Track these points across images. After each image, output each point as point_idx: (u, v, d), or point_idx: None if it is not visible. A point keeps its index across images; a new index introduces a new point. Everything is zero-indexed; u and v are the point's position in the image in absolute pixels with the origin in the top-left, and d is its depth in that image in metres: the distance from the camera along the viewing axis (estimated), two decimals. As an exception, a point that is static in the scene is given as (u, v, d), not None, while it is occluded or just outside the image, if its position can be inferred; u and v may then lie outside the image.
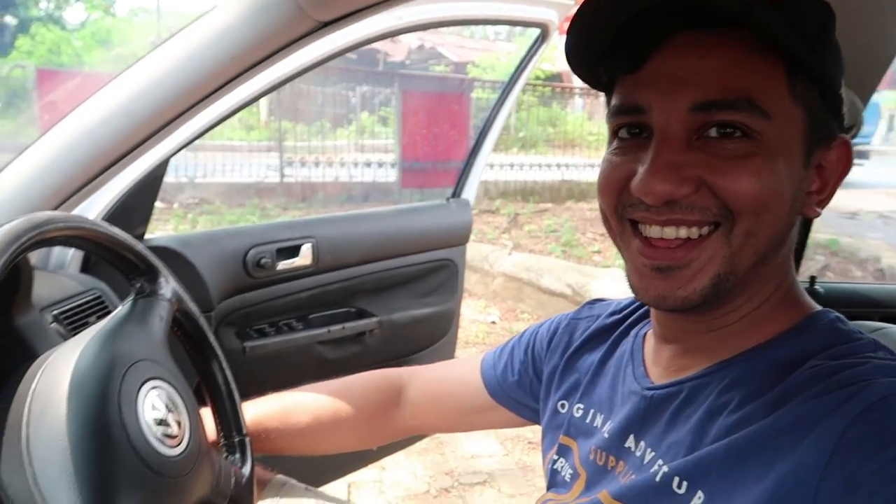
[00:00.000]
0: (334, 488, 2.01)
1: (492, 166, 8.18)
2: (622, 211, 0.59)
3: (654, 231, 0.56)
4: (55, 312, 0.90)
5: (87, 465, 0.55)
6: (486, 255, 4.78)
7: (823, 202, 0.58)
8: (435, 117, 7.82)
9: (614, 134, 0.60)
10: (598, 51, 0.57)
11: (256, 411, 0.87)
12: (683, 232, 0.54)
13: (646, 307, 0.74)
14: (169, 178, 7.19)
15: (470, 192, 1.86)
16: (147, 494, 0.59)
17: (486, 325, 4.04)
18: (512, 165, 8.22)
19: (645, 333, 0.71)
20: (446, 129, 7.77)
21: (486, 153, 1.86)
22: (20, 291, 0.81)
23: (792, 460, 0.49)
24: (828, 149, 0.57)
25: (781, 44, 0.50)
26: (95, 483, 0.55)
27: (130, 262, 0.73)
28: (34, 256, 1.09)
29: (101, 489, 0.55)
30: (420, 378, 0.94)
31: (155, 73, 0.91)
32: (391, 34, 1.23)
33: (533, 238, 5.78)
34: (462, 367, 0.92)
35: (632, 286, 0.59)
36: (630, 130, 0.58)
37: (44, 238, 0.60)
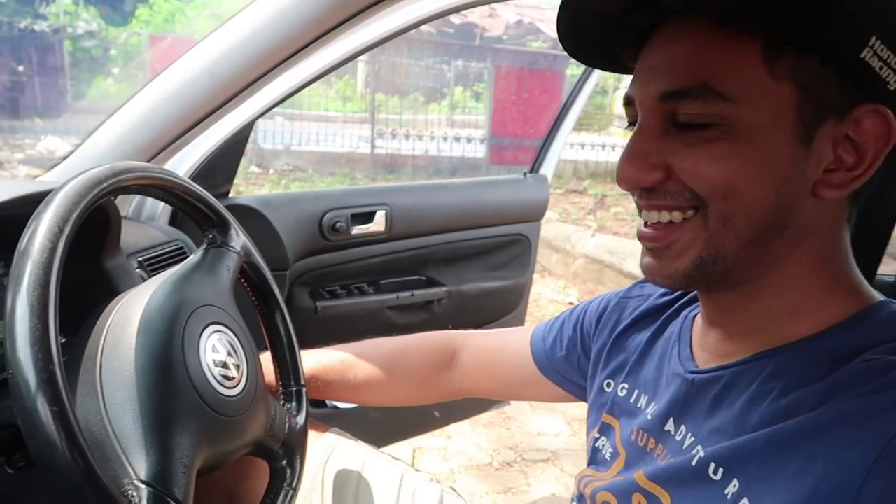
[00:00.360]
0: (398, 451, 2.07)
1: (583, 146, 8.02)
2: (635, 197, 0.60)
3: (645, 215, 0.57)
4: (140, 258, 0.97)
5: (150, 397, 0.60)
6: (568, 235, 4.71)
7: (860, 178, 0.52)
8: (527, 93, 7.74)
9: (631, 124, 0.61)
10: (595, 45, 0.59)
11: (317, 361, 0.91)
12: (665, 216, 0.55)
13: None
14: (266, 145, 7.55)
15: (548, 167, 1.84)
16: (203, 428, 0.63)
17: (563, 306, 4.00)
18: (604, 146, 8.02)
19: (695, 316, 0.69)
20: (538, 106, 7.67)
21: (566, 129, 1.83)
22: (109, 237, 0.88)
23: (836, 457, 0.47)
24: (842, 121, 0.51)
25: (738, 23, 0.49)
26: (156, 413, 0.60)
27: (203, 213, 0.77)
28: (127, 208, 1.17)
29: (160, 419, 0.60)
30: (473, 344, 0.96)
31: (238, 35, 0.95)
32: (483, 2, 1.21)
33: (619, 220, 5.65)
34: (514, 339, 0.93)
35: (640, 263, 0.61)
36: (631, 121, 0.59)
37: (122, 185, 0.64)
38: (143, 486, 0.56)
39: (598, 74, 1.76)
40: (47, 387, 0.49)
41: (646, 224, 0.58)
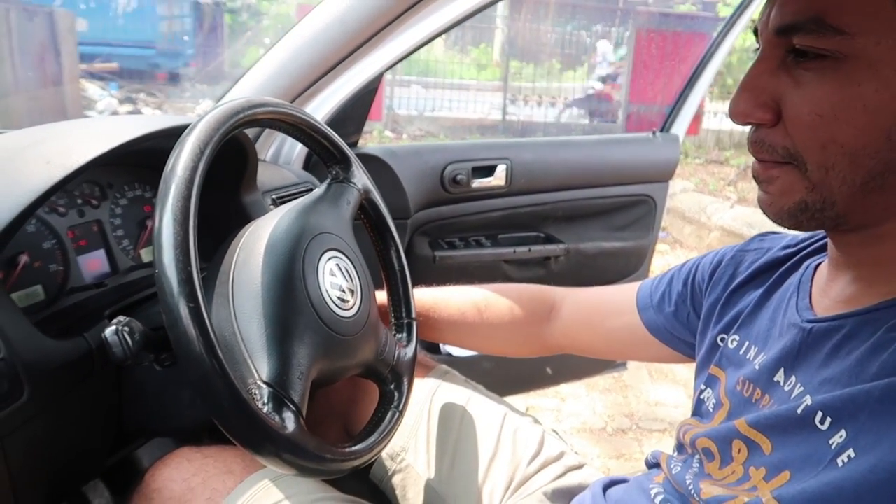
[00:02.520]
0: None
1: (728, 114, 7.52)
2: None
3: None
4: (274, 196, 1.05)
5: (272, 309, 0.66)
6: (704, 207, 4.48)
7: None
8: (671, 58, 7.34)
9: None
10: None
11: None
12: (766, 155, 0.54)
13: (822, 240, 0.68)
14: (401, 111, 7.74)
15: (680, 127, 1.76)
16: (318, 342, 0.68)
17: (694, 280, 3.83)
18: (753, 114, 7.49)
19: (818, 265, 0.65)
20: (681, 72, 7.27)
21: (701, 89, 1.74)
22: (247, 175, 0.97)
23: None
24: None
25: None
26: (277, 323, 0.66)
27: (327, 149, 0.83)
28: (266, 152, 1.27)
29: (281, 328, 0.66)
30: (574, 298, 0.94)
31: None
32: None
33: (763, 193, 5.27)
34: (617, 295, 0.91)
35: None
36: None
37: (255, 117, 0.70)
38: (264, 386, 0.62)
39: (736, 34, 1.65)
40: (185, 285, 0.55)
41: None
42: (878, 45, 0.46)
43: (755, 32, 0.56)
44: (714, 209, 4.40)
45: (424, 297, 0.96)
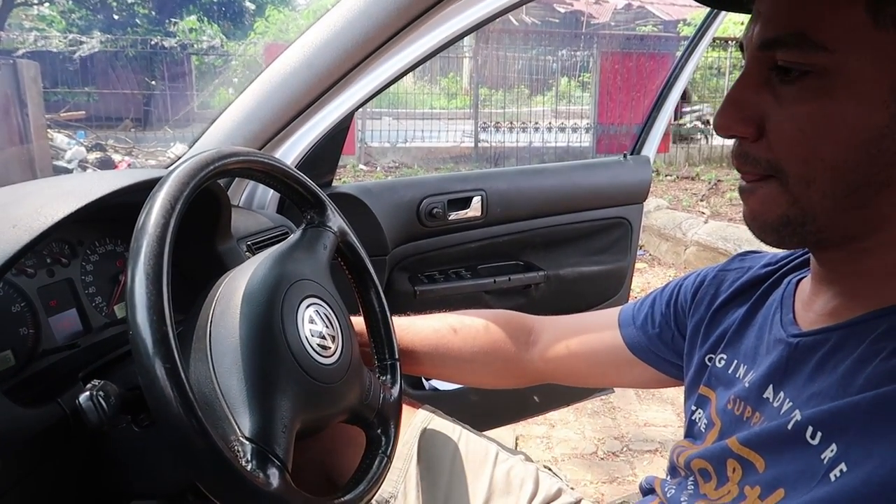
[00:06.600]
0: (499, 436, 2.08)
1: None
2: None
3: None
4: (249, 242, 1.04)
5: (253, 362, 0.65)
6: (679, 223, 4.53)
7: None
8: (636, 79, 7.51)
9: None
10: None
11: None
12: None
13: (802, 257, 0.69)
14: (374, 143, 7.79)
15: (650, 149, 1.78)
16: (301, 393, 0.67)
17: (674, 296, 3.86)
18: (719, 129, 7.66)
19: (799, 280, 0.66)
20: (647, 91, 7.43)
21: (668, 110, 1.77)
22: (221, 223, 0.96)
23: None
24: None
25: None
26: (258, 377, 0.64)
27: (301, 194, 0.82)
28: (239, 197, 1.26)
29: (262, 381, 0.64)
30: (554, 324, 0.93)
31: (332, 29, 1.00)
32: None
33: (735, 206, 5.37)
34: (598, 319, 0.90)
35: None
36: None
37: (227, 168, 0.69)
38: (247, 443, 0.61)
39: (700, 53, 1.69)
40: (161, 345, 0.54)
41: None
42: (857, 61, 0.47)
43: (741, 47, 0.56)
44: (689, 225, 4.46)
45: (398, 321, 0.93)
